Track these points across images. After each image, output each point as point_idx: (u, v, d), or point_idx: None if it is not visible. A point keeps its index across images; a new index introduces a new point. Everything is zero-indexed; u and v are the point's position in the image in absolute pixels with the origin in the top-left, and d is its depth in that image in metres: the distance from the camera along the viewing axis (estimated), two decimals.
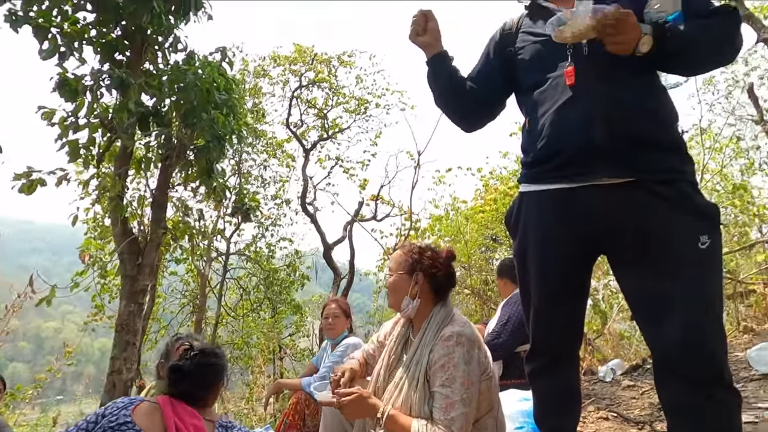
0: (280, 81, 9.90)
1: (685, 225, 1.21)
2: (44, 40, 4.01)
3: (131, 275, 4.20)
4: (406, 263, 1.71)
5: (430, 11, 1.49)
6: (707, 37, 1.24)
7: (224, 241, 9.26)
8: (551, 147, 1.34)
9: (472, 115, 1.63)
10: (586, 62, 1.30)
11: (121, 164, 4.24)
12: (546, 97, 1.36)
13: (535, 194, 1.41)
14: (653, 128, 1.28)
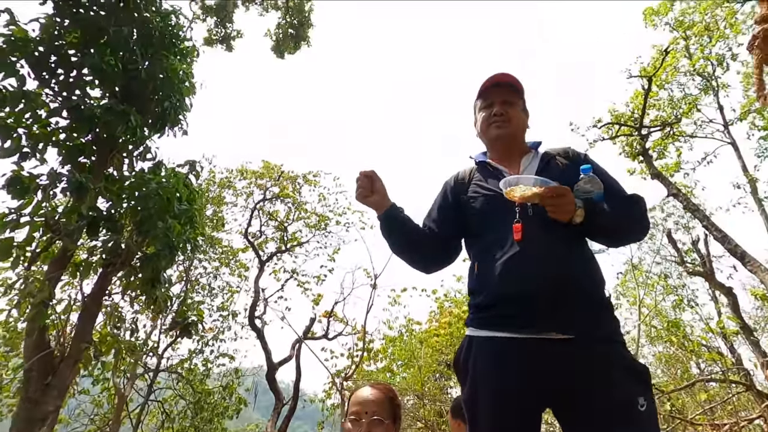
0: (245, 192, 10.15)
1: (625, 387, 1.27)
2: (8, 139, 4.00)
3: (34, 398, 3.58)
4: (391, 411, 1.61)
5: (373, 171, 1.64)
6: (627, 216, 1.47)
7: (155, 356, 8.30)
8: (498, 295, 1.42)
9: (427, 260, 1.71)
10: (531, 221, 1.46)
11: (56, 267, 3.94)
12: (494, 247, 1.48)
13: (483, 341, 1.43)
14: (591, 289, 1.40)
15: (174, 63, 4.96)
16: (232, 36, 8.04)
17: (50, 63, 4.30)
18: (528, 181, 1.41)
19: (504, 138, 1.66)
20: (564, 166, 1.57)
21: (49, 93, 4.30)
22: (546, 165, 1.59)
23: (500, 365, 1.37)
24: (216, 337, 9.38)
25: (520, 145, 1.69)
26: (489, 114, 1.68)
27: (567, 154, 1.63)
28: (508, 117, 1.65)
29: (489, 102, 1.69)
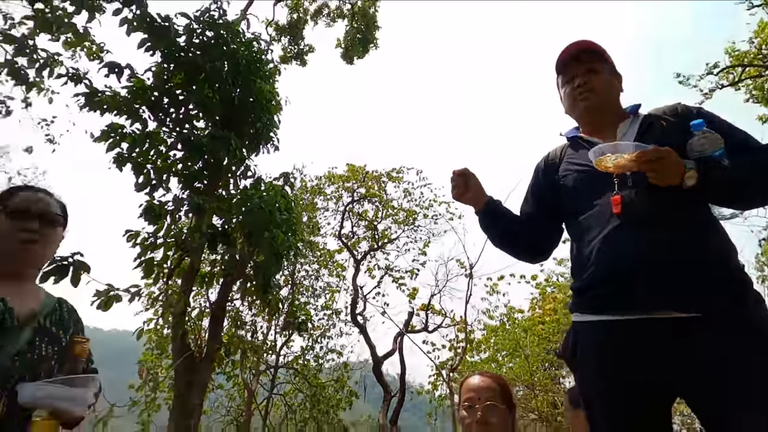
0: (334, 197, 10.67)
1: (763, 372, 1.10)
2: (140, 175, 4.70)
3: (183, 393, 4.17)
4: (504, 398, 1.60)
5: (466, 169, 1.60)
6: (758, 171, 1.25)
7: (273, 353, 9.13)
8: (599, 275, 1.31)
9: (531, 249, 1.65)
10: (632, 191, 1.31)
11: (188, 280, 4.53)
12: (592, 224, 1.37)
13: (590, 326, 1.33)
14: (713, 259, 1.23)
15: (260, 85, 5.39)
16: (304, 51, 8.47)
17: (163, 104, 4.95)
18: (623, 148, 1.27)
19: (592, 109, 1.52)
20: (671, 126, 1.40)
21: (165, 130, 4.95)
22: (648, 128, 1.43)
23: (607, 352, 1.27)
24: (323, 334, 10.01)
25: (614, 112, 1.54)
26: (571, 88, 1.55)
27: (675, 111, 1.45)
28: (591, 86, 1.51)
29: (569, 75, 1.57)
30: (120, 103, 4.73)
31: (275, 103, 5.53)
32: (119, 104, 4.74)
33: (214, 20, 5.19)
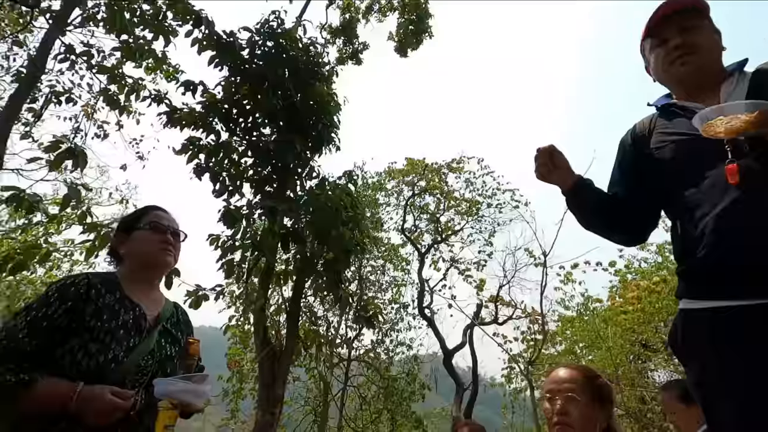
0: (395, 192, 10.74)
1: None
2: (217, 183, 5.07)
3: (268, 384, 4.45)
4: (590, 390, 1.46)
5: (551, 146, 1.49)
6: None
7: (346, 347, 9.44)
8: (717, 257, 1.15)
9: (629, 230, 1.51)
10: (751, 159, 1.15)
11: (265, 279, 4.81)
12: (702, 199, 1.21)
13: (700, 314, 1.19)
14: None
15: (319, 89, 5.55)
16: (359, 50, 8.57)
17: (233, 115, 5.29)
18: (734, 109, 1.10)
19: (694, 72, 1.34)
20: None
21: (236, 139, 5.28)
22: (758, 85, 1.24)
23: (725, 342, 1.13)
24: (392, 328, 10.15)
25: (715, 73, 1.35)
26: (666, 50, 1.37)
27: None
28: (692, 46, 1.33)
29: (661, 38, 1.39)
30: (196, 118, 5.13)
31: (334, 104, 5.68)
32: (195, 119, 5.13)
33: (273, 30, 5.43)
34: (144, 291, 1.40)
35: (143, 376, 1.28)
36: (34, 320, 1.16)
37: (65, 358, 1.16)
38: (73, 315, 1.19)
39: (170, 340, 1.39)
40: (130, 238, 1.43)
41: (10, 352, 1.11)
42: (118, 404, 1.14)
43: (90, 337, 1.18)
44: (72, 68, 4.80)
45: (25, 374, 1.08)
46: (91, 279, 1.27)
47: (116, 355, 1.21)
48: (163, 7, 4.98)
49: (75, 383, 1.11)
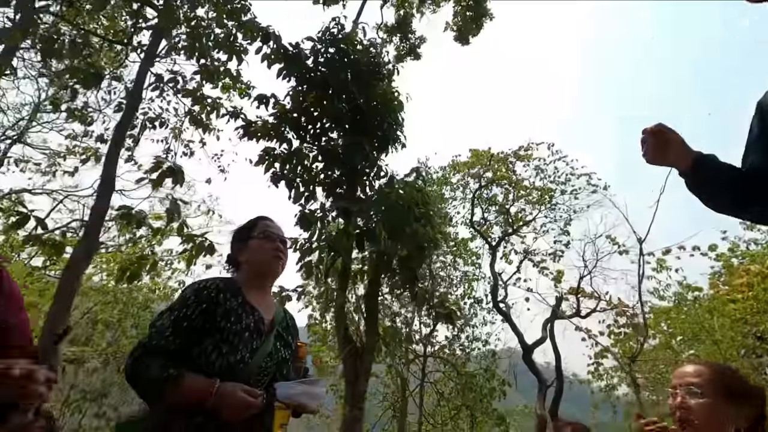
0: (460, 185, 10.54)
1: None
2: (292, 189, 5.32)
3: (351, 380, 4.59)
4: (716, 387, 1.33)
5: (660, 125, 1.35)
6: None
7: (422, 344, 9.45)
8: None
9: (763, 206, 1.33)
10: None
11: (343, 278, 4.96)
12: None
13: None
14: None
15: (381, 89, 5.61)
16: (416, 45, 8.50)
17: (302, 123, 5.52)
18: None
19: None
20: None
21: (307, 146, 5.50)
22: None
23: None
24: (467, 323, 9.98)
25: None
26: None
27: None
28: None
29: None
30: (269, 129, 5.43)
31: (397, 103, 5.70)
32: (268, 130, 5.43)
33: (334, 37, 5.58)
34: (260, 296, 1.47)
35: (264, 377, 1.36)
36: (176, 320, 1.26)
37: (201, 357, 1.24)
38: (207, 316, 1.28)
39: (283, 344, 1.46)
40: (248, 247, 1.50)
41: (159, 350, 1.22)
42: (251, 402, 1.22)
43: (221, 337, 1.27)
44: (161, 95, 5.32)
45: (173, 369, 1.18)
46: (219, 284, 1.36)
47: (243, 356, 1.29)
48: (233, 29, 5.34)
49: (212, 380, 1.20)
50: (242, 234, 1.56)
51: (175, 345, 1.24)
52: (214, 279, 1.40)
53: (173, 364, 1.21)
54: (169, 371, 1.19)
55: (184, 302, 1.30)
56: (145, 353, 1.23)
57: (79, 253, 3.53)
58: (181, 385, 1.18)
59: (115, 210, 3.99)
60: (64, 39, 4.13)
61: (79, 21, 5.05)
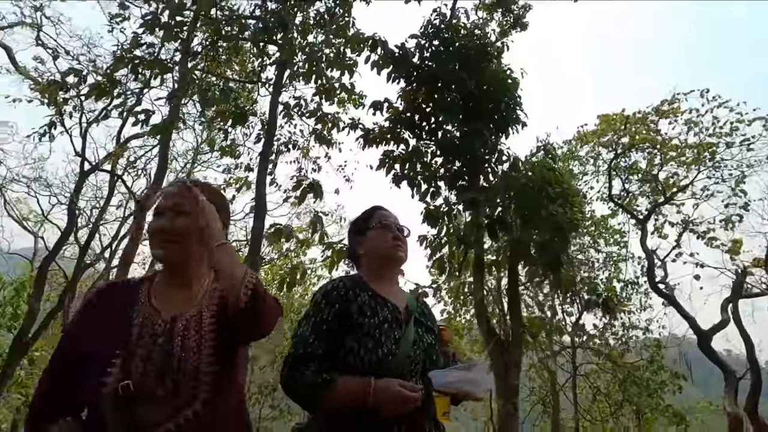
0: (590, 158, 9.50)
1: None
2: (414, 187, 5.40)
3: (501, 374, 4.44)
4: None
5: None
6: None
7: (570, 333, 8.75)
8: None
9: None
10: None
11: (477, 271, 4.84)
12: None
13: None
14: None
15: (492, 69, 5.35)
16: (521, 15, 7.90)
17: (416, 121, 5.56)
18: None
19: None
20: None
21: (424, 143, 5.53)
22: None
23: None
24: (619, 309, 8.92)
25: None
26: None
27: None
28: None
29: None
30: (385, 134, 5.60)
31: (511, 81, 5.38)
32: (385, 135, 5.61)
33: (437, 28, 5.51)
34: (387, 287, 1.44)
35: (415, 366, 1.31)
36: (314, 326, 1.25)
37: (348, 357, 1.23)
38: (342, 316, 1.27)
39: (425, 329, 1.40)
40: (366, 238, 1.47)
41: (308, 357, 1.21)
42: (409, 395, 1.19)
43: (362, 333, 1.25)
44: (289, 121, 5.90)
45: (326, 374, 1.18)
46: (345, 282, 1.35)
47: (389, 348, 1.25)
48: (341, 46, 5.66)
49: (367, 378, 1.19)
50: (359, 226, 1.53)
51: (321, 350, 1.24)
52: (340, 278, 1.40)
53: (325, 369, 1.22)
54: (322, 376, 1.19)
55: (317, 307, 1.31)
56: (296, 362, 1.22)
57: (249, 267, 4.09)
58: (336, 389, 1.18)
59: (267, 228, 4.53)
60: (214, 89, 4.89)
61: (219, 71, 5.91)
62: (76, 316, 1.14)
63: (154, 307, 1.10)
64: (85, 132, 8.93)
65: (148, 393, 0.98)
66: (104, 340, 1.04)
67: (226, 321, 1.06)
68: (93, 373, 1.00)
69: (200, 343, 1.06)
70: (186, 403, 1.00)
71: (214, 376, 1.04)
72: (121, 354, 1.01)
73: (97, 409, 0.97)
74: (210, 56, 5.49)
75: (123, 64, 4.11)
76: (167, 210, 1.15)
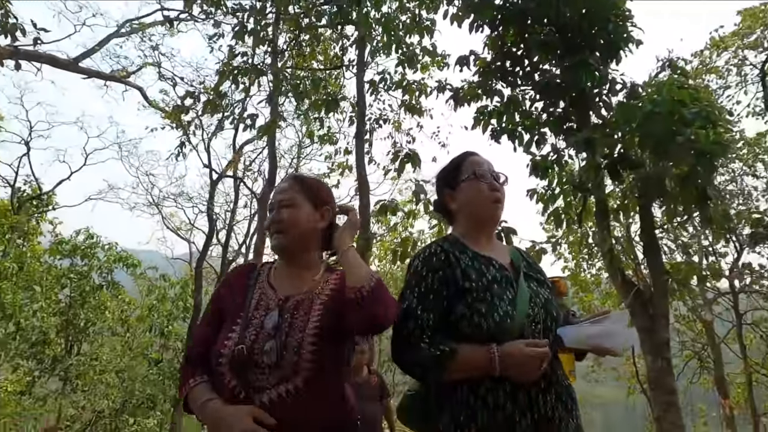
0: (731, 67, 7.80)
1: None
2: (515, 140, 5.04)
3: (646, 328, 4.00)
4: None
5: None
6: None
7: (726, 277, 7.52)
8: None
9: None
10: None
11: (601, 218, 4.38)
12: None
13: None
14: None
15: None
16: None
17: (508, 68, 5.14)
18: None
19: None
20: None
21: (520, 90, 5.10)
22: None
23: None
24: None
25: None
26: None
27: None
28: None
29: None
30: (476, 89, 5.29)
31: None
32: (475, 90, 5.30)
33: None
34: (487, 243, 1.33)
35: (536, 325, 1.20)
36: (420, 296, 1.19)
37: (462, 324, 1.15)
38: (447, 282, 1.20)
39: (536, 283, 1.28)
40: (458, 191, 1.34)
41: (419, 329, 1.15)
42: (540, 353, 1.10)
43: (472, 298, 1.17)
44: (376, 98, 5.95)
45: (443, 346, 1.12)
46: (442, 245, 1.27)
47: (506, 310, 1.16)
48: (416, 8, 5.45)
49: (487, 345, 1.11)
50: (448, 177, 1.39)
51: (432, 320, 1.17)
52: (435, 242, 1.31)
53: (440, 340, 1.15)
54: (440, 348, 1.13)
55: (419, 276, 1.24)
56: (408, 337, 1.16)
57: (362, 245, 4.29)
58: (457, 360, 1.12)
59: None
60: (304, 81, 5.14)
61: (305, 64, 6.18)
62: (220, 286, 1.35)
63: (271, 285, 1.24)
64: (208, 145, 10.26)
65: (256, 359, 1.08)
66: (232, 308, 1.20)
67: (336, 310, 1.15)
68: (222, 334, 1.16)
69: (306, 323, 1.14)
70: (287, 376, 1.08)
71: (316, 356, 1.10)
72: (242, 322, 1.15)
73: (220, 367, 1.11)
74: (295, 51, 5.75)
75: (225, 76, 4.54)
76: (276, 205, 1.28)
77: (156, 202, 12.93)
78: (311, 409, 1.07)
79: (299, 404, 1.06)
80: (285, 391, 1.07)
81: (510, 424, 1.09)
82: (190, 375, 1.17)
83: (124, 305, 10.31)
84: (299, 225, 1.25)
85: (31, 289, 7.63)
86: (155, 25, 9.24)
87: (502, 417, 1.10)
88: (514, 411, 1.10)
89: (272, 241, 1.28)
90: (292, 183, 1.32)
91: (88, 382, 8.72)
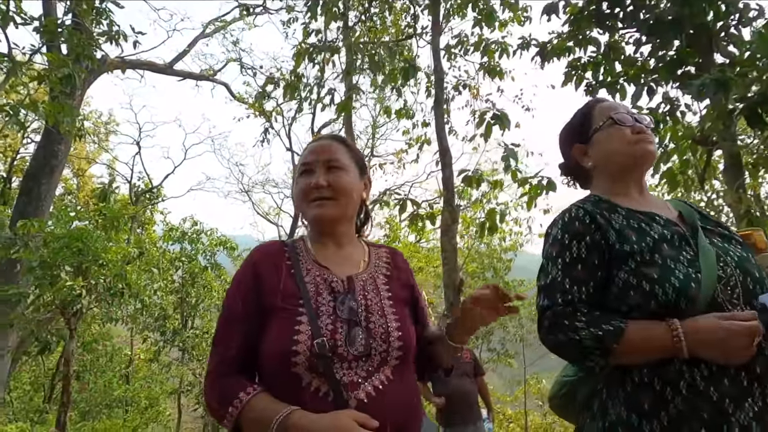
0: None
1: None
2: (616, 93, 4.44)
3: None
4: None
5: None
6: None
7: None
8: None
9: None
10: None
11: (733, 175, 3.71)
12: None
13: None
14: None
15: None
16: None
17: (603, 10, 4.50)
18: None
19: None
20: None
21: (619, 35, 4.46)
22: None
23: None
24: None
25: None
26: None
27: None
28: None
29: None
30: (565, 41, 4.74)
31: None
32: (565, 42, 4.75)
33: None
34: (639, 197, 1.11)
35: (733, 290, 0.94)
36: (565, 267, 1.02)
37: (626, 294, 0.96)
38: (598, 247, 1.01)
39: (720, 239, 1.03)
40: (593, 144, 1.14)
41: (571, 305, 0.98)
42: (746, 327, 0.85)
43: (637, 262, 0.96)
44: (453, 64, 5.63)
45: (614, 321, 0.94)
46: (584, 206, 1.07)
47: (686, 272, 0.93)
48: None
49: (669, 321, 0.90)
50: (575, 132, 1.19)
51: (585, 294, 0.98)
52: (574, 205, 1.10)
53: (601, 317, 0.95)
54: (609, 323, 0.93)
55: (560, 245, 1.04)
56: (558, 315, 0.98)
57: (447, 219, 4.12)
58: (627, 339, 0.91)
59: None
60: (378, 50, 5.02)
61: (378, 38, 6.02)
62: (243, 274, 1.03)
63: (321, 264, 1.03)
64: (289, 130, 10.75)
65: (340, 351, 0.91)
66: (278, 296, 0.96)
67: (397, 291, 1.07)
68: (275, 328, 0.93)
69: (381, 306, 1.00)
70: (377, 366, 0.93)
71: (402, 341, 0.97)
72: (306, 311, 0.93)
73: (293, 368, 0.89)
74: (367, 26, 5.62)
75: (301, 56, 4.58)
76: (318, 165, 1.05)
77: (246, 189, 13.95)
78: (401, 399, 0.96)
79: (392, 395, 0.93)
80: (380, 383, 0.92)
81: (719, 415, 0.86)
82: (237, 387, 0.90)
83: (226, 285, 11.37)
84: (352, 192, 1.05)
85: (150, 272, 8.71)
86: (235, 22, 9.78)
87: (707, 406, 0.87)
88: (723, 399, 0.86)
89: (314, 210, 1.03)
90: (336, 143, 1.09)
91: (201, 353, 9.80)
